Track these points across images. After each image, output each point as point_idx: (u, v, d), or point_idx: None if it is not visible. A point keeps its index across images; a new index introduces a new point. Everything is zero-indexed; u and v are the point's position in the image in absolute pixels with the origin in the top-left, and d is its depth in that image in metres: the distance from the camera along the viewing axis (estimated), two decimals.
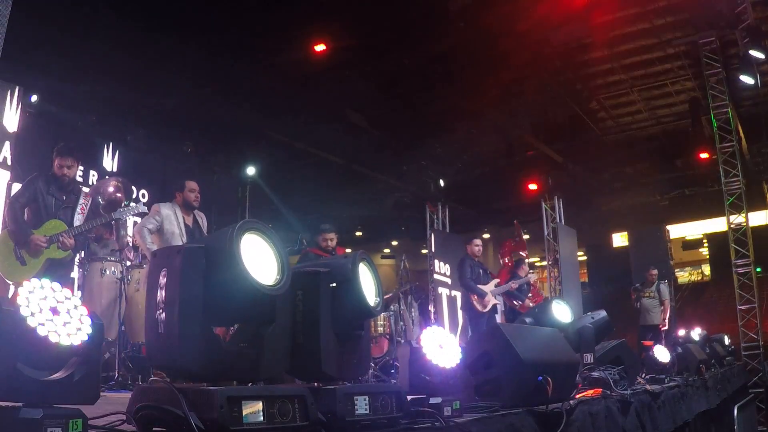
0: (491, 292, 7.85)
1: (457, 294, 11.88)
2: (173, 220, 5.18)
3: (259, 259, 1.73)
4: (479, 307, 7.74)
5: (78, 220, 5.05)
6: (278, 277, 1.75)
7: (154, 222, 5.13)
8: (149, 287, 1.72)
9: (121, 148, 9.28)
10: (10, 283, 4.85)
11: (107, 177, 8.65)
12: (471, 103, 11.19)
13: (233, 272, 1.61)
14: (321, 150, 12.73)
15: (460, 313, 11.64)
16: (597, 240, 18.47)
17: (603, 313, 4.35)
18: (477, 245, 8.00)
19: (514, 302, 8.50)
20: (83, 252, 5.71)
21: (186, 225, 5.25)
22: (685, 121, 13.25)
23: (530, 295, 8.81)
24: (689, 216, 18.34)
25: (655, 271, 10.57)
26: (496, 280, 8.09)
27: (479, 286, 7.80)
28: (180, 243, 4.99)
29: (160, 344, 1.65)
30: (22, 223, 4.85)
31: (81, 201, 5.12)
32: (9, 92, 6.25)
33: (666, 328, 10.06)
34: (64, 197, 5.03)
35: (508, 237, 13.51)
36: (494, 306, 7.90)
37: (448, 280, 11.71)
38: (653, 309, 10.19)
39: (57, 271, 4.89)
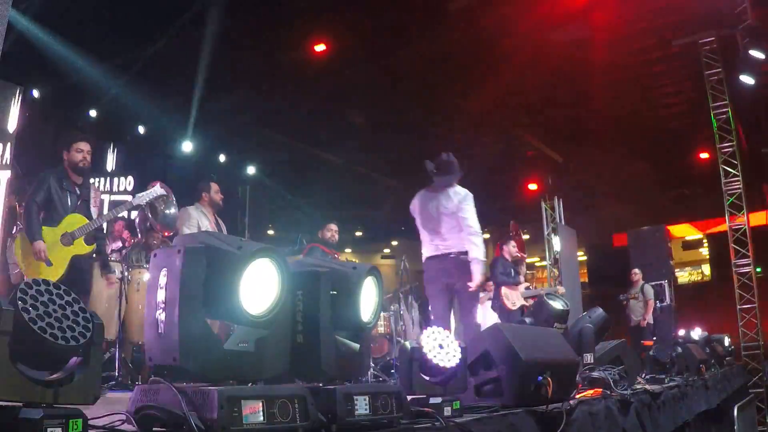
0: (521, 294, 7.91)
1: None
2: (205, 220, 5.16)
3: (261, 282, 1.73)
4: (508, 305, 7.83)
5: (93, 213, 4.95)
6: (272, 303, 1.75)
7: (194, 228, 5.03)
8: (149, 287, 1.72)
9: (121, 148, 9.28)
10: None
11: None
12: (471, 103, 11.18)
13: (228, 303, 1.64)
14: (321, 150, 12.72)
15: None
16: (597, 240, 18.42)
17: (599, 310, 4.36)
18: (514, 246, 8.27)
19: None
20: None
21: (217, 225, 5.23)
22: (685, 121, 13.25)
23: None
24: (689, 216, 18.32)
25: (636, 272, 10.53)
26: (526, 284, 8.19)
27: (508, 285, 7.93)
28: None
29: (160, 344, 1.65)
30: (35, 224, 4.63)
31: (92, 194, 5.01)
32: (9, 92, 6.23)
33: (645, 324, 9.97)
34: (78, 191, 4.86)
35: (505, 238, 13.44)
36: (521, 306, 7.94)
37: None
38: (637, 310, 10.15)
39: (82, 266, 4.76)
